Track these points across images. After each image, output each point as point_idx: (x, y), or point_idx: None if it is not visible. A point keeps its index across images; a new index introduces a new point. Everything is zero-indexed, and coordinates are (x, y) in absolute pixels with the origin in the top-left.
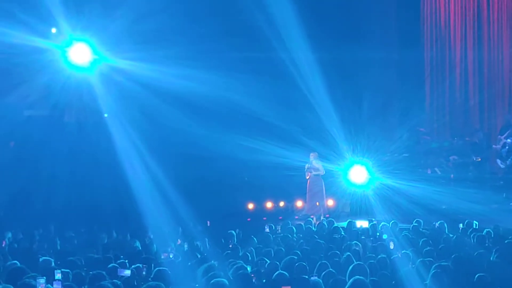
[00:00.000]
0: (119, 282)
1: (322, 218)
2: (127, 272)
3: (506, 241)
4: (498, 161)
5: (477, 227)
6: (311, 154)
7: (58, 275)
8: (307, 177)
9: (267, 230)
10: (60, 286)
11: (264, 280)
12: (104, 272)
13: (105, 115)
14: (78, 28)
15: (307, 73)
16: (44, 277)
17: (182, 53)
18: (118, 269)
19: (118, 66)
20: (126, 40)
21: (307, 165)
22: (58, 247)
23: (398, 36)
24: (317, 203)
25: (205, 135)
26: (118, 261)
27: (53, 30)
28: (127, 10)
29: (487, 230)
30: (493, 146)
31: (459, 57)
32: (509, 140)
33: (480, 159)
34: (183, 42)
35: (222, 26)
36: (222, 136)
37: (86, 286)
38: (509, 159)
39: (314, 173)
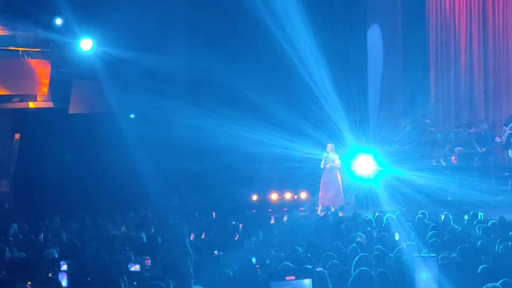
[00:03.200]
0: (124, 275)
1: (333, 209)
2: (137, 267)
3: (511, 233)
4: (510, 151)
5: (482, 218)
6: (328, 145)
7: (63, 267)
8: (322, 167)
9: (273, 221)
10: (65, 278)
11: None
12: (110, 264)
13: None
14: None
15: (311, 63)
16: None
17: (185, 43)
18: (129, 264)
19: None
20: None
21: (324, 154)
22: (64, 239)
23: (402, 25)
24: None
25: (211, 128)
26: (124, 253)
27: (58, 21)
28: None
29: (493, 221)
30: (497, 138)
31: (464, 47)
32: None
33: (485, 150)
34: (186, 30)
35: (225, 16)
36: (227, 129)
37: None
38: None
39: (329, 165)
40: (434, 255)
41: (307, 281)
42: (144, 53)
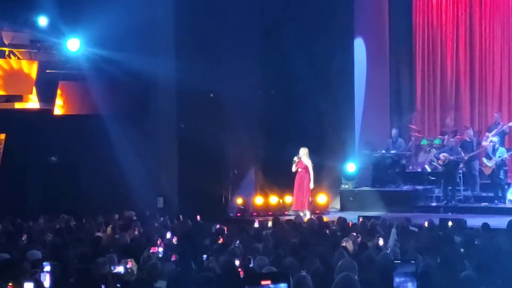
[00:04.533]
0: (108, 277)
1: (311, 214)
2: (120, 269)
3: (494, 239)
4: (486, 160)
5: (466, 225)
6: (301, 149)
7: (47, 268)
8: (294, 171)
9: (257, 225)
10: (48, 278)
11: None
12: (92, 267)
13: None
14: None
15: (297, 70)
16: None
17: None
18: (111, 266)
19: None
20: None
21: (295, 158)
22: (48, 240)
23: (390, 32)
24: (310, 199)
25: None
26: (108, 255)
27: (43, 21)
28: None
29: (476, 228)
30: (483, 143)
31: (450, 55)
32: (495, 139)
33: (469, 157)
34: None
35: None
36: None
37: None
38: (497, 157)
39: (300, 169)
40: (413, 261)
41: (283, 286)
42: (131, 53)
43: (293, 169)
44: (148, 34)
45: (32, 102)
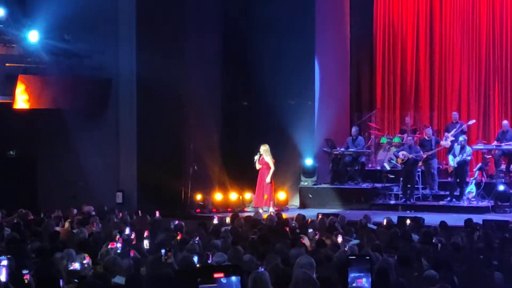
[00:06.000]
0: (64, 271)
1: (271, 210)
2: (76, 265)
3: (452, 237)
4: (451, 157)
5: (424, 223)
6: (262, 146)
7: (3, 262)
8: (257, 168)
9: (216, 221)
10: (5, 272)
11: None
12: (50, 261)
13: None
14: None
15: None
16: None
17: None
18: (69, 263)
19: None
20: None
21: (256, 156)
22: (5, 234)
23: (351, 31)
24: (266, 196)
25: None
26: (66, 250)
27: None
28: None
29: (434, 226)
30: (442, 142)
31: (410, 54)
32: (462, 138)
33: (428, 156)
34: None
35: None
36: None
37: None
38: (465, 156)
39: (260, 166)
40: (368, 257)
41: (235, 279)
42: (91, 47)
43: (257, 166)
44: (109, 28)
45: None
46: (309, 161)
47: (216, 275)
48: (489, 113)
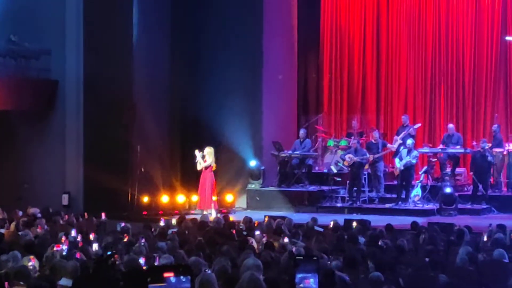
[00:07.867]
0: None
1: (217, 213)
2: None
3: (398, 240)
4: (397, 160)
5: (370, 226)
6: (206, 148)
7: None
8: (199, 169)
9: (162, 224)
10: None
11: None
12: None
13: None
14: None
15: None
16: None
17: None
18: (14, 263)
19: None
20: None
21: (197, 158)
22: None
23: (298, 34)
24: (215, 198)
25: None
26: (11, 252)
27: None
28: None
29: (380, 229)
30: (388, 145)
31: (357, 57)
32: (410, 141)
33: (374, 159)
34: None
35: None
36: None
37: None
38: (410, 159)
39: (203, 167)
40: (315, 257)
41: (186, 278)
42: (38, 47)
43: (198, 167)
44: (55, 29)
45: None
46: (253, 163)
47: (166, 275)
48: (435, 117)
